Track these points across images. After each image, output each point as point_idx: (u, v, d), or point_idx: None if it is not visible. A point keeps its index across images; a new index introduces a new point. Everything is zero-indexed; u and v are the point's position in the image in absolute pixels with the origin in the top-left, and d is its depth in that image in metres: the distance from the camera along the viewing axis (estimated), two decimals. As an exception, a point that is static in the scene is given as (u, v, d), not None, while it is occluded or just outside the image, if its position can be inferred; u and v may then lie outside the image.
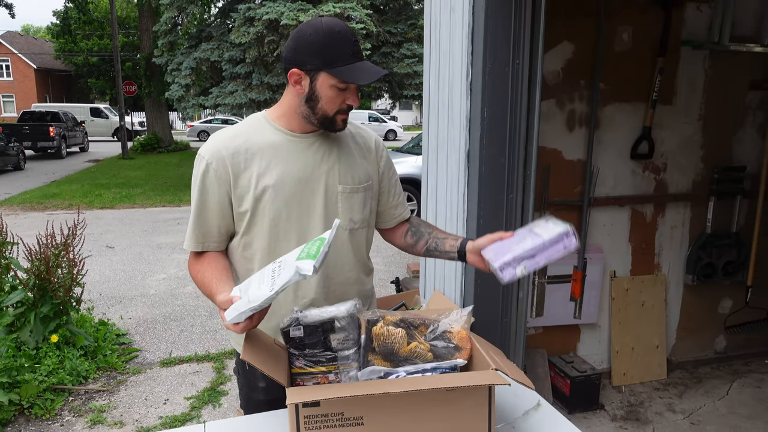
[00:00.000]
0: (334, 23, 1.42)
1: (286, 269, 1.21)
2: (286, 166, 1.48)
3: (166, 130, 20.83)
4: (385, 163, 1.68)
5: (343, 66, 1.40)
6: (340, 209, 1.54)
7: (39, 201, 10.39)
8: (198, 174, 1.49)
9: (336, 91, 1.43)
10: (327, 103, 1.44)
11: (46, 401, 3.29)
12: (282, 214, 1.49)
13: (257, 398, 1.61)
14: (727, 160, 3.52)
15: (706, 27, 3.28)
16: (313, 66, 1.41)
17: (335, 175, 1.53)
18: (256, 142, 1.49)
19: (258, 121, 1.54)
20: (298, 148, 1.51)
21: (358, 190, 1.57)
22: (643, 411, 3.23)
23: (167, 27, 13.15)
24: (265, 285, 1.22)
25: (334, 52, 1.39)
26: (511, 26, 2.34)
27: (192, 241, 1.52)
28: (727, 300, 3.73)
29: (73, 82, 36.60)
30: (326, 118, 1.47)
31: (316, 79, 1.42)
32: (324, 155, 1.53)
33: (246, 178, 1.47)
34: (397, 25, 11.81)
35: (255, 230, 1.51)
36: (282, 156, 1.49)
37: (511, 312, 2.62)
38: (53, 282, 3.66)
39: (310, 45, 1.40)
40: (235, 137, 1.50)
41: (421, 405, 1.25)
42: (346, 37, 1.41)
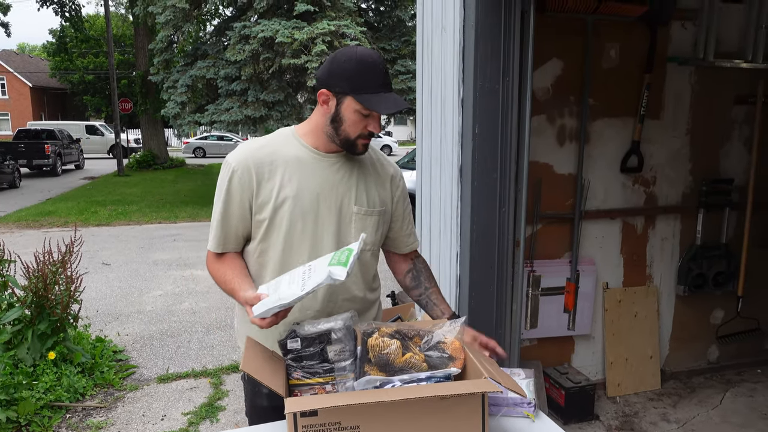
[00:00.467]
0: (369, 54, 1.51)
1: (317, 273, 1.31)
2: (307, 181, 1.56)
3: (161, 147, 20.86)
4: (400, 194, 1.75)
5: (369, 94, 1.48)
6: (353, 229, 1.61)
7: (35, 219, 10.39)
8: (224, 180, 1.57)
9: (359, 116, 1.51)
10: (350, 126, 1.52)
11: (43, 418, 3.29)
12: (297, 226, 1.56)
13: (261, 404, 1.64)
14: (715, 173, 3.59)
15: (691, 44, 3.37)
16: (341, 89, 1.50)
17: (352, 196, 1.60)
18: (282, 154, 1.57)
19: (286, 135, 1.63)
20: (321, 165, 1.59)
21: (373, 213, 1.64)
22: (637, 421, 3.26)
23: (163, 45, 13.25)
24: (296, 285, 1.32)
25: (363, 80, 1.48)
26: (501, 45, 2.41)
27: (214, 242, 1.61)
28: (719, 310, 3.78)
29: (69, 100, 36.68)
30: (348, 141, 1.55)
31: (342, 102, 1.50)
32: (344, 176, 1.60)
33: (268, 188, 1.54)
34: (391, 41, 11.95)
35: (271, 239, 1.58)
36: (304, 170, 1.57)
37: (505, 324, 2.66)
38: (51, 299, 3.67)
39: (343, 70, 1.49)
40: (263, 148, 1.58)
41: (416, 413, 1.28)
42: (377, 68, 1.50)
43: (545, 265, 3.35)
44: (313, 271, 1.34)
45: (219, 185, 1.59)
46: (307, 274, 1.34)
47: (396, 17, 12.56)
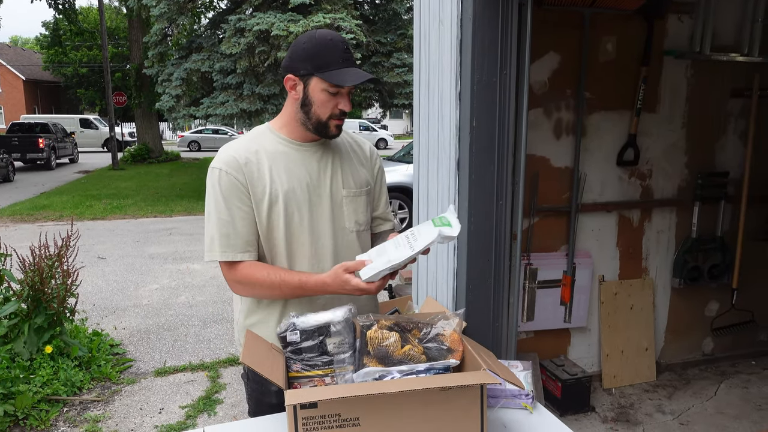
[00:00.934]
0: (328, 33, 1.52)
1: (424, 235, 1.40)
2: (295, 173, 1.57)
3: (156, 141, 20.77)
4: (378, 171, 1.78)
5: (333, 70, 1.49)
6: (345, 212, 1.64)
7: (29, 213, 10.35)
8: (215, 184, 1.54)
9: (327, 95, 1.51)
10: (320, 107, 1.53)
11: (40, 412, 3.30)
12: (294, 218, 1.57)
13: (269, 402, 1.63)
14: (711, 166, 3.60)
15: (687, 37, 3.37)
16: (305, 71, 1.50)
17: (339, 181, 1.63)
18: (264, 151, 1.57)
19: (263, 132, 1.63)
20: (304, 155, 1.60)
21: (361, 194, 1.67)
22: (633, 412, 3.28)
23: (157, 38, 13.16)
24: (404, 248, 1.40)
25: (325, 58, 1.48)
26: (499, 38, 2.40)
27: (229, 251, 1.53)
28: (714, 303, 3.81)
29: (63, 93, 36.46)
30: (320, 123, 1.55)
31: (309, 83, 1.51)
32: (327, 162, 1.62)
33: (260, 186, 1.54)
34: (386, 35, 11.90)
35: (273, 235, 1.58)
36: (290, 163, 1.58)
37: (502, 317, 2.67)
38: (47, 293, 3.67)
39: (304, 52, 1.50)
40: (245, 148, 1.57)
41: (416, 405, 1.29)
42: (337, 44, 1.50)
43: (542, 258, 3.36)
44: (419, 234, 1.41)
45: (212, 193, 1.55)
46: (411, 239, 1.41)
47: (392, 10, 12.51)
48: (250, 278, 1.55)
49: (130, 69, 20.72)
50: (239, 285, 1.58)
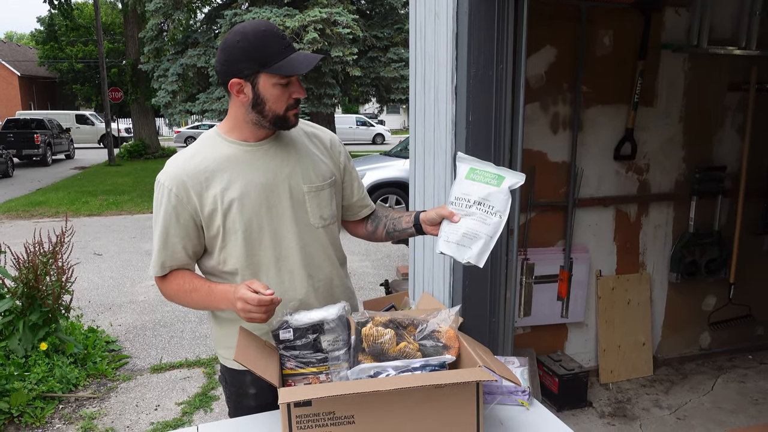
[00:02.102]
0: (258, 24, 1.44)
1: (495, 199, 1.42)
2: (248, 177, 1.50)
3: (152, 137, 20.72)
4: (344, 158, 1.70)
5: (280, 61, 1.41)
6: (308, 208, 1.57)
7: (25, 209, 10.30)
8: (161, 201, 1.50)
9: (280, 89, 1.45)
10: (274, 102, 1.46)
11: (36, 409, 3.28)
12: (253, 224, 1.51)
13: (248, 404, 1.61)
14: (708, 161, 3.59)
15: (685, 30, 3.35)
16: (250, 70, 1.42)
17: (298, 176, 1.55)
18: (213, 159, 1.50)
19: (211, 138, 1.55)
20: (255, 156, 1.52)
21: (324, 187, 1.59)
22: (630, 407, 3.28)
23: (153, 33, 13.10)
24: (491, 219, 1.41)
25: (266, 51, 1.40)
26: (495, 31, 2.38)
27: (158, 266, 1.54)
28: (711, 297, 3.80)
29: (58, 89, 36.27)
30: (278, 117, 1.48)
31: (257, 82, 1.43)
32: (282, 159, 1.55)
33: (211, 197, 1.48)
34: (383, 29, 11.85)
35: (230, 245, 1.52)
36: (241, 167, 1.50)
37: (498, 312, 2.66)
38: (42, 290, 3.65)
39: (243, 51, 1.41)
40: (192, 158, 1.50)
41: (411, 402, 1.28)
42: (273, 34, 1.42)
43: (539, 253, 3.35)
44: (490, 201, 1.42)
45: (155, 208, 1.52)
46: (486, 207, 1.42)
47: (388, 4, 12.45)
48: (168, 289, 1.56)
49: (125, 65, 20.64)
50: (166, 297, 1.59)
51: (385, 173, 8.39)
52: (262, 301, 1.33)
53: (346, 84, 11.51)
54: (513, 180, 1.42)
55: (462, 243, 1.42)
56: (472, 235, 1.41)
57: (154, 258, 1.54)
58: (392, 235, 1.71)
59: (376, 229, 1.75)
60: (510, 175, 1.43)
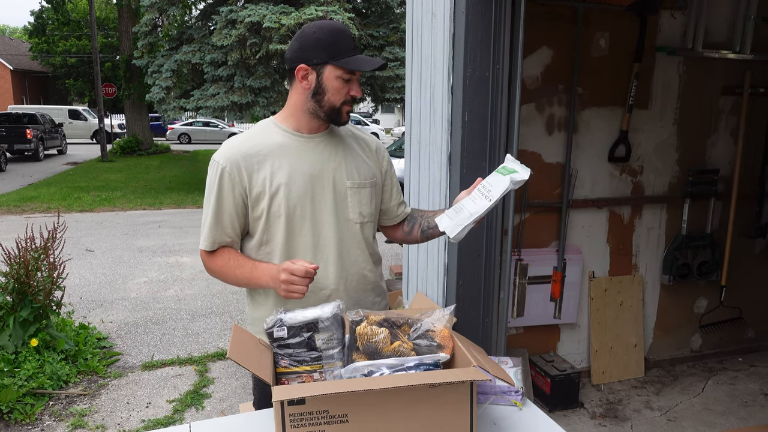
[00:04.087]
0: (335, 23, 1.59)
1: (496, 185, 1.46)
2: (297, 165, 1.59)
3: (146, 133, 20.61)
4: (387, 164, 1.79)
5: (347, 57, 1.52)
6: (349, 203, 1.64)
7: (16, 204, 10.23)
8: (214, 179, 1.58)
9: (341, 83, 1.54)
10: (333, 94, 1.55)
11: (25, 406, 3.26)
12: (296, 210, 1.58)
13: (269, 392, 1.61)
14: (702, 163, 3.61)
15: (680, 34, 3.37)
16: (319, 60, 1.53)
17: (343, 172, 1.64)
18: (266, 144, 1.59)
19: (267, 125, 1.65)
20: (306, 147, 1.61)
21: (365, 185, 1.67)
22: (621, 408, 3.30)
23: (147, 28, 13.03)
24: (481, 200, 1.46)
25: (337, 46, 1.52)
26: (492, 32, 2.39)
27: (209, 241, 1.61)
28: (703, 299, 3.83)
29: (51, 84, 36.03)
30: (333, 109, 1.57)
31: (323, 72, 1.54)
32: (331, 153, 1.63)
33: (260, 179, 1.56)
34: (379, 28, 11.85)
35: (273, 227, 1.60)
36: (292, 155, 1.59)
37: (492, 312, 2.66)
38: (33, 286, 3.62)
39: (316, 41, 1.53)
40: (247, 141, 1.60)
41: (405, 401, 1.27)
42: (346, 33, 1.55)
43: (532, 253, 3.36)
44: (492, 185, 1.47)
45: (209, 185, 1.60)
46: (485, 191, 1.47)
47: (384, 3, 12.45)
48: (213, 264, 1.63)
49: (119, 60, 20.51)
50: (209, 272, 1.66)
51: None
52: (308, 271, 1.42)
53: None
54: (521, 176, 1.47)
55: (448, 215, 1.51)
56: (458, 209, 1.49)
57: (205, 233, 1.61)
58: (427, 233, 1.76)
59: (412, 229, 1.81)
60: (521, 170, 1.49)
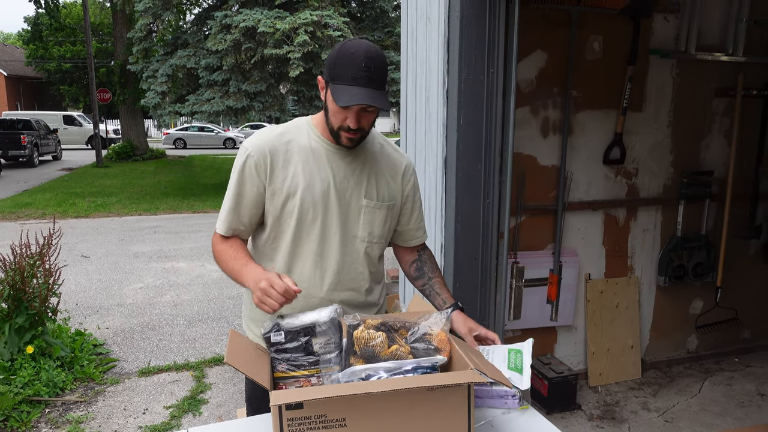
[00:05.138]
0: (355, 45, 1.46)
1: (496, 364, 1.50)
2: (320, 171, 1.57)
3: (141, 138, 20.56)
4: (411, 188, 1.73)
5: (341, 85, 1.45)
6: (361, 222, 1.62)
7: (11, 210, 10.19)
8: (238, 164, 1.57)
9: (336, 107, 1.49)
10: (332, 115, 1.53)
11: (22, 413, 3.24)
12: (308, 215, 1.57)
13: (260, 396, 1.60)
14: (696, 165, 3.63)
15: (673, 37, 3.39)
16: (326, 77, 1.52)
17: (362, 189, 1.61)
18: (297, 143, 1.59)
19: (301, 125, 1.63)
20: (335, 156, 1.59)
21: (381, 207, 1.64)
22: (618, 410, 3.30)
23: (142, 34, 13.03)
24: None
25: (338, 70, 1.46)
26: (486, 36, 2.40)
27: (225, 225, 1.61)
28: (698, 301, 3.84)
29: (45, 90, 35.90)
30: (333, 131, 1.55)
31: (327, 90, 1.52)
32: (356, 168, 1.61)
33: (281, 176, 1.56)
34: (373, 32, 11.88)
35: (283, 226, 1.59)
36: (318, 161, 1.58)
37: (489, 315, 2.67)
38: (28, 292, 3.60)
39: (329, 58, 1.51)
40: (280, 136, 1.59)
41: (403, 405, 1.28)
42: (357, 60, 1.43)
43: (529, 256, 3.36)
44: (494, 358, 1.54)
45: (234, 170, 1.60)
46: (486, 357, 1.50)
47: (379, 7, 12.49)
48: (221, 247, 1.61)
49: (114, 65, 20.50)
50: (213, 252, 1.65)
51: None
52: (288, 292, 1.37)
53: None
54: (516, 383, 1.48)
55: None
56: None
57: (222, 217, 1.61)
58: (424, 295, 1.79)
59: (415, 279, 1.81)
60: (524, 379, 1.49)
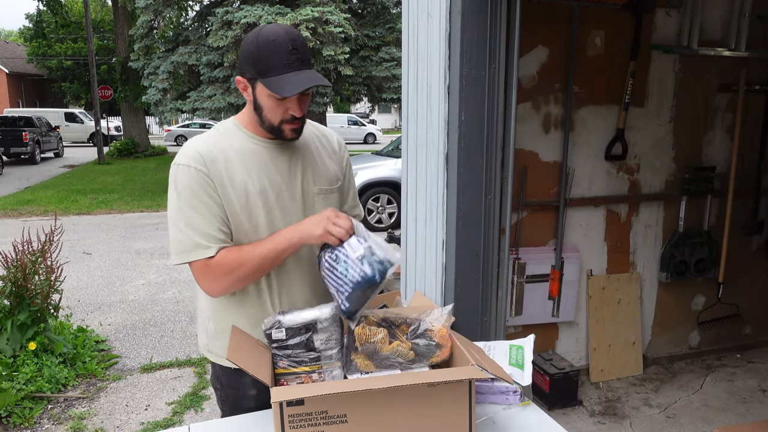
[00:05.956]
0: (272, 32, 1.39)
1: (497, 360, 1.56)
2: (266, 173, 1.50)
3: (142, 135, 20.58)
4: (346, 163, 1.71)
5: (275, 76, 1.38)
6: (317, 210, 1.56)
7: (13, 208, 10.20)
8: (180, 180, 1.44)
9: (275, 101, 1.42)
10: (269, 112, 1.45)
11: (24, 410, 3.25)
12: (266, 220, 1.50)
13: (246, 406, 1.58)
14: (698, 161, 3.62)
15: (675, 32, 3.38)
16: (251, 75, 1.42)
17: (310, 178, 1.56)
18: (234, 149, 1.49)
19: (230, 128, 1.54)
20: (273, 153, 1.52)
21: (333, 191, 1.61)
22: (620, 406, 3.30)
23: (143, 30, 13.01)
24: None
25: (266, 63, 1.38)
26: (488, 31, 2.39)
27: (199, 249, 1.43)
28: (700, 296, 3.83)
29: (47, 87, 35.89)
30: (273, 128, 1.47)
31: (256, 88, 1.43)
32: (298, 159, 1.55)
33: (228, 185, 1.46)
34: (375, 29, 11.85)
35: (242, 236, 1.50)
36: (259, 162, 1.50)
37: (490, 311, 2.66)
38: (30, 289, 3.61)
39: (249, 54, 1.40)
40: (213, 144, 1.48)
41: (404, 401, 1.28)
42: (281, 46, 1.37)
43: (530, 252, 3.36)
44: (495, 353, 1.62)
45: (177, 191, 1.44)
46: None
47: (380, 4, 12.44)
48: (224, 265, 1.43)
49: (115, 62, 20.49)
50: (216, 281, 1.46)
51: (376, 173, 8.40)
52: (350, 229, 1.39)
53: (338, 83, 11.50)
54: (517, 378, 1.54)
55: None
56: None
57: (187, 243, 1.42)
58: None
59: None
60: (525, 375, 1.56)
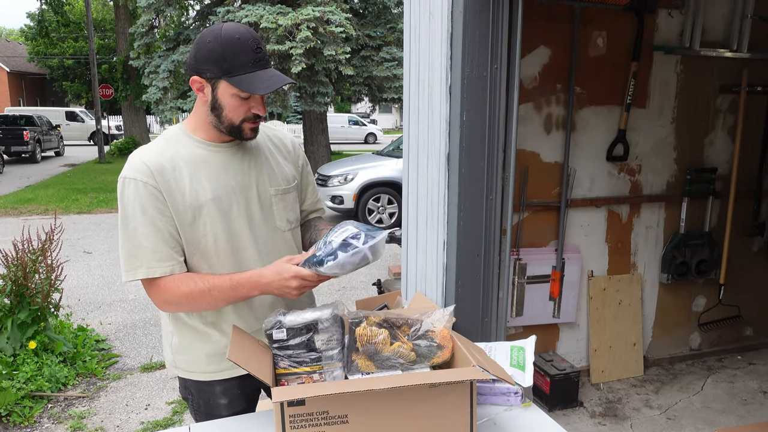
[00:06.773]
0: (235, 30, 1.38)
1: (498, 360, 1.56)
2: (218, 178, 1.47)
3: (143, 134, 20.58)
4: (302, 161, 1.70)
5: (242, 75, 1.37)
6: (275, 212, 1.55)
7: (13, 206, 10.20)
8: (127, 194, 1.41)
9: (239, 100, 1.40)
10: (231, 111, 1.42)
11: (24, 408, 3.25)
12: (224, 226, 1.47)
13: (219, 414, 1.59)
14: (699, 162, 3.61)
15: (677, 32, 3.37)
16: (212, 74, 1.38)
17: (265, 180, 1.54)
18: (183, 157, 1.45)
19: (177, 135, 1.50)
20: (224, 158, 1.49)
21: (289, 190, 1.59)
22: (621, 407, 3.30)
23: (144, 29, 13.02)
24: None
25: (232, 61, 1.36)
26: (489, 32, 2.38)
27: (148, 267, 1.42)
28: (701, 298, 3.83)
29: (48, 86, 35.92)
30: (233, 127, 1.45)
31: (217, 87, 1.40)
32: (250, 161, 1.53)
33: (179, 196, 1.42)
34: (376, 28, 11.85)
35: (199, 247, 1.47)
36: (210, 168, 1.47)
37: (491, 312, 2.66)
38: (31, 288, 3.61)
39: (209, 52, 1.37)
40: (159, 154, 1.44)
41: (405, 402, 1.27)
42: (246, 44, 1.37)
43: (531, 253, 3.35)
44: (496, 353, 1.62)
45: (124, 205, 1.42)
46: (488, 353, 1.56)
47: (381, 4, 12.45)
48: (176, 293, 1.43)
49: (116, 61, 20.50)
50: (166, 304, 1.47)
51: (377, 173, 8.40)
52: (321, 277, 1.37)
53: (339, 83, 11.51)
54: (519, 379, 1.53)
55: None
56: None
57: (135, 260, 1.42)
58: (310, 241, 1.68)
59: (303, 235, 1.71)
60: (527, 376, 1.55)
